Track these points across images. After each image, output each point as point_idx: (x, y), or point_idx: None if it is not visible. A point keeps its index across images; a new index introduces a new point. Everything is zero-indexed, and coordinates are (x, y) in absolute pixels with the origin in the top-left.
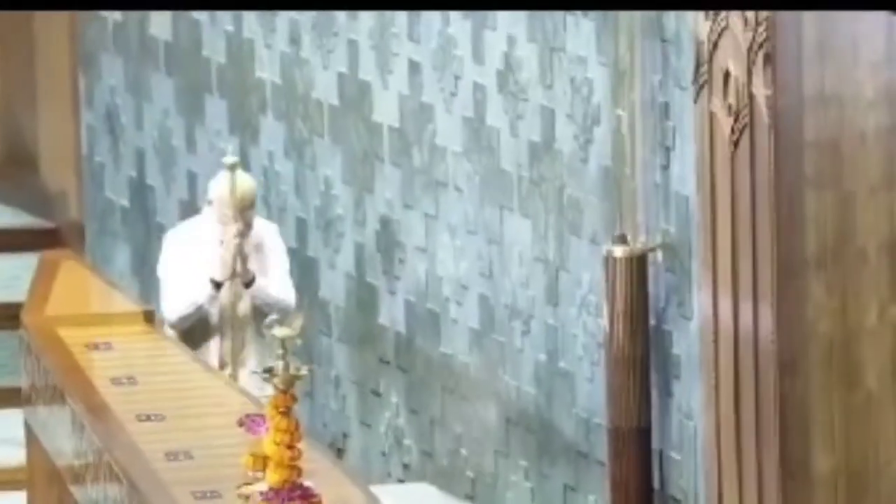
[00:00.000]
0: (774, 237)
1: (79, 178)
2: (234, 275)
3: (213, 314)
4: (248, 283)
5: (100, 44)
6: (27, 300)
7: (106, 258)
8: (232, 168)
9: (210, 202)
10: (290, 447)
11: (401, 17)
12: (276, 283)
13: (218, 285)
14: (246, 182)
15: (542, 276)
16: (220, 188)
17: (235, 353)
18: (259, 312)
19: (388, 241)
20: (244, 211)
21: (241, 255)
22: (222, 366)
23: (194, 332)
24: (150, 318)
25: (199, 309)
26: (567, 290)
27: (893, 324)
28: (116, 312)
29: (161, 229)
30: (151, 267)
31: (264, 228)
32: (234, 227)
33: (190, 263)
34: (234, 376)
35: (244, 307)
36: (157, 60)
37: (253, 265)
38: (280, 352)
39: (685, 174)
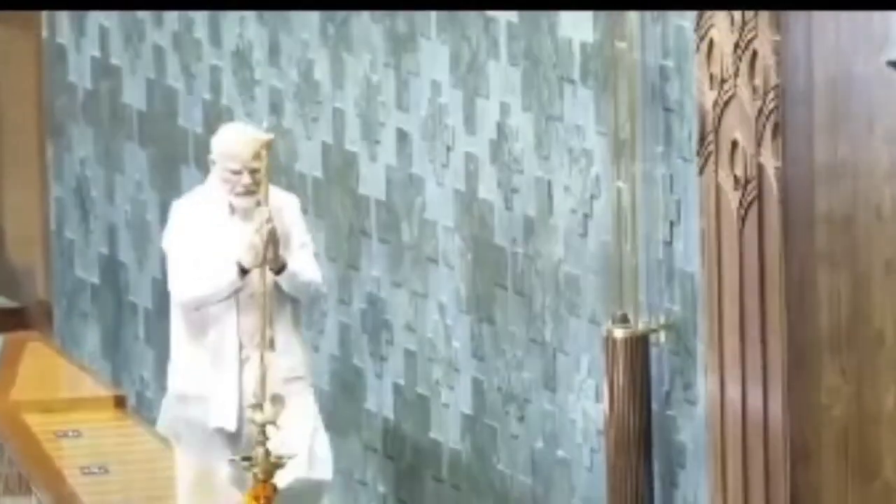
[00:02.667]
0: (785, 317)
1: (47, 255)
2: (264, 261)
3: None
4: (279, 270)
5: (69, 113)
6: None
7: (75, 339)
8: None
9: (213, 161)
10: None
11: (388, 85)
12: (302, 263)
13: (244, 271)
14: (252, 133)
15: (539, 359)
16: (221, 143)
17: (259, 332)
18: (279, 288)
19: (374, 321)
20: (250, 163)
21: (273, 240)
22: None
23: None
24: (121, 403)
25: (220, 298)
26: (565, 373)
27: None
28: (86, 397)
29: (134, 308)
30: (124, 349)
31: (283, 199)
32: (265, 211)
33: (199, 236)
34: (261, 354)
35: (269, 287)
36: (130, 130)
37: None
38: (260, 439)
39: (689, 250)
